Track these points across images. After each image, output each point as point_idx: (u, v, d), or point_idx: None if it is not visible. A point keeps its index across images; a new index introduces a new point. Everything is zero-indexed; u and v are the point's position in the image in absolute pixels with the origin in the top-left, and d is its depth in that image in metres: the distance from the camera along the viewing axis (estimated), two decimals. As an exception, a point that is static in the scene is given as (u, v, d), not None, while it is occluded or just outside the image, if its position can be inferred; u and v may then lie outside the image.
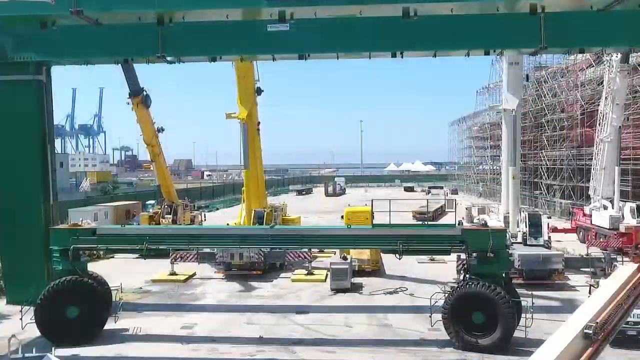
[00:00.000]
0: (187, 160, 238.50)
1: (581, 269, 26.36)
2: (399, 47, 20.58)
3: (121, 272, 28.28)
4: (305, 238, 18.86)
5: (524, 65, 35.84)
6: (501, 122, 32.88)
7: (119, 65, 32.35)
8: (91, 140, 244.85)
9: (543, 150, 57.23)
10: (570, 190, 51.39)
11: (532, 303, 17.84)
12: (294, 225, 31.56)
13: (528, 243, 26.96)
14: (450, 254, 20.90)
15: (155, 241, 18.87)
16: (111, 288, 19.90)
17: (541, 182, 58.41)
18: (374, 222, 18.89)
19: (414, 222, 46.58)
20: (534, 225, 27.42)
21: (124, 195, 69.35)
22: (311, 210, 62.91)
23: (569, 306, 22.09)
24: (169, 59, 21.39)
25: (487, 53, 21.49)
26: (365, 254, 27.44)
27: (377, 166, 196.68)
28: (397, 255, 18.02)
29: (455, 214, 19.54)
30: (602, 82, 45.73)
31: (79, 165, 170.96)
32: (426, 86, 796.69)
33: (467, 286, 17.33)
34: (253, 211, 31.20)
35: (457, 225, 18.84)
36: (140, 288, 26.24)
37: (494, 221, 30.16)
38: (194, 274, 28.85)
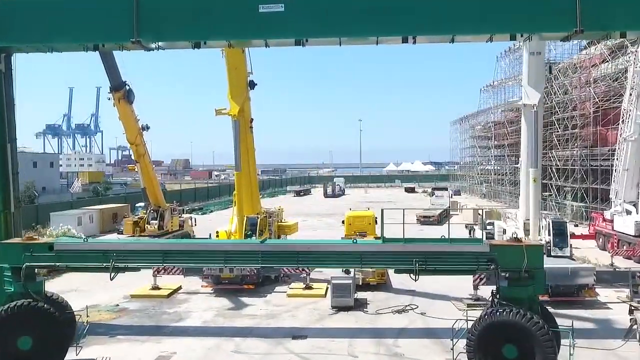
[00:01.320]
0: (185, 159, 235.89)
1: (614, 284, 23.54)
2: (411, 30, 17.48)
3: (99, 284, 25.39)
4: (302, 255, 15.86)
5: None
6: (520, 119, 29.85)
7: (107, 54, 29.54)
8: (88, 140, 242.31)
9: (553, 150, 54.44)
10: (583, 193, 48.67)
11: (573, 332, 15.01)
12: (288, 240, 28.48)
13: (552, 254, 24.15)
14: (475, 275, 18.01)
15: (124, 258, 15.88)
16: (75, 312, 16.99)
17: (551, 184, 55.58)
18: (384, 236, 15.93)
19: (418, 226, 43.96)
20: (559, 233, 24.59)
21: (115, 196, 66.60)
22: (310, 213, 60.46)
23: (606, 329, 19.42)
24: (151, 45, 18.37)
25: (513, 38, 18.55)
26: (370, 265, 24.57)
27: (376, 166, 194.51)
28: (412, 275, 15.11)
29: (483, 224, 16.65)
30: (617, 79, 43.17)
31: (74, 165, 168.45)
32: (427, 85, 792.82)
33: (497, 313, 14.46)
34: (245, 218, 28.20)
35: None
36: (117, 305, 23.33)
37: (512, 228, 27.32)
38: (179, 288, 25.93)
